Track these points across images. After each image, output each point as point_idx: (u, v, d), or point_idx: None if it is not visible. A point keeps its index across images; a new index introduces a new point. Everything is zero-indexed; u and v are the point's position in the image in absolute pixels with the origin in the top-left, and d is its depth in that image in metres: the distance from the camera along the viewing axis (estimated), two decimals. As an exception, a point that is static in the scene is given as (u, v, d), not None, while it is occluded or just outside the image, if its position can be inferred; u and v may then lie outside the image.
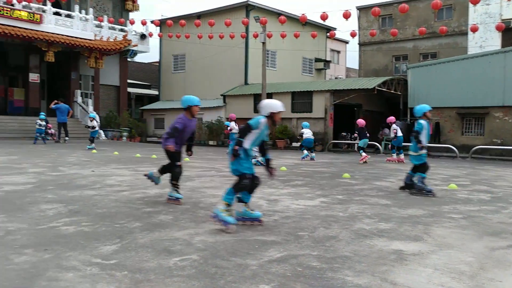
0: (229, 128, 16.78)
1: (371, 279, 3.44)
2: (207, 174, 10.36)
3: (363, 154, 14.79)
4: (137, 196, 7.00)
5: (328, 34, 30.60)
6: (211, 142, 26.02)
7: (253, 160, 12.82)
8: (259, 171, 5.87)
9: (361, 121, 15.46)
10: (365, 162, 14.67)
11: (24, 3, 22.20)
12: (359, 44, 32.83)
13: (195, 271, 3.53)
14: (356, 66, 36.77)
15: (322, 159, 16.52)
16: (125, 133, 26.57)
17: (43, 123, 18.99)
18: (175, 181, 6.35)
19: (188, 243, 4.34)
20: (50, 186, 7.76)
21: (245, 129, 5.00)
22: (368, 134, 15.21)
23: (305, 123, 15.78)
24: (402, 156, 15.31)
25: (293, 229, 5.02)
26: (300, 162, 14.57)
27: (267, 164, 5.31)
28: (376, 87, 21.84)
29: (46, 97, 27.41)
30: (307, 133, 15.42)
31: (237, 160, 4.99)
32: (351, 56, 47.52)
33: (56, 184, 8.08)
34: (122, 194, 7.17)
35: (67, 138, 20.95)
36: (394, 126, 15.45)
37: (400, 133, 15.27)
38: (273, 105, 5.11)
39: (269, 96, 24.54)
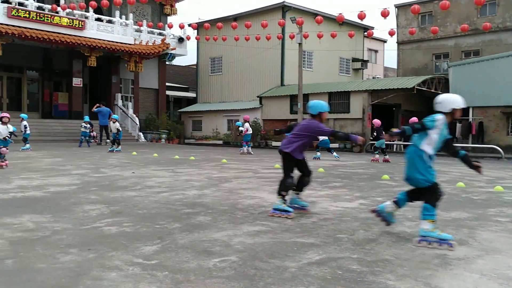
0: (242, 129, 17.48)
1: (414, 283, 3.36)
2: (244, 175, 10.40)
3: (377, 155, 15.55)
4: (176, 197, 7.10)
5: (365, 33, 30.24)
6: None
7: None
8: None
9: (377, 121, 15.75)
10: (384, 161, 15.31)
11: (68, 10, 22.99)
12: (397, 42, 32.20)
13: (234, 273, 3.54)
14: (395, 65, 36.07)
15: (360, 160, 16.28)
16: (163, 135, 27.06)
17: (88, 125, 19.61)
18: (285, 193, 5.80)
19: (227, 244, 4.36)
20: (93, 187, 7.98)
21: (417, 129, 4.47)
22: (384, 134, 15.12)
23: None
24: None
25: (332, 231, 4.96)
26: (337, 164, 14.40)
27: (468, 161, 4.63)
28: (416, 87, 21.35)
29: (88, 101, 28.29)
30: None
31: (424, 167, 4.47)
32: (389, 55, 46.67)
33: (98, 185, 8.30)
34: (161, 195, 7.29)
35: (108, 140, 21.53)
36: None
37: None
38: (455, 100, 4.51)
39: (306, 97, 24.45)
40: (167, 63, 31.45)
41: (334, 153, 16.58)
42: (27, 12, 22.14)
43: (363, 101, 23.07)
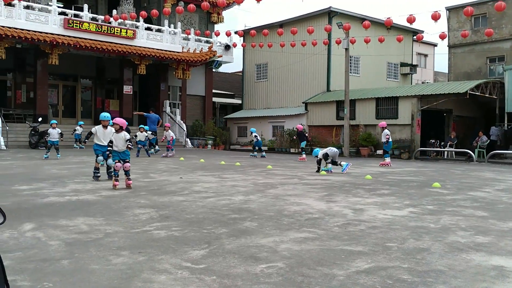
0: (255, 134, 18.58)
1: (469, 296, 3.22)
2: (290, 181, 10.36)
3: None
4: (223, 202, 7.16)
5: (415, 37, 29.55)
6: (292, 150, 26.04)
7: (324, 168, 12.78)
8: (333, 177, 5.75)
9: (299, 126, 19.37)
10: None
11: (119, 20, 23.85)
12: (448, 46, 31.17)
13: (281, 279, 3.52)
14: (445, 70, 34.92)
15: (409, 167, 15.85)
16: (210, 141, 27.44)
17: (81, 129, 20.64)
18: None
19: (274, 250, 4.35)
20: (142, 192, 8.20)
21: None
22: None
23: None
24: (388, 159, 16.06)
25: (381, 239, 4.85)
26: (385, 171, 14.08)
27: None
28: (469, 91, 20.58)
29: (138, 108, 29.15)
30: None
31: None
32: (440, 60, 45.15)
33: (147, 190, 8.52)
34: (208, 200, 7.38)
35: (157, 146, 22.05)
36: (386, 131, 16.09)
37: (391, 138, 16.16)
38: None
39: (352, 102, 24.12)
40: (213, 70, 31.93)
41: (263, 153, 19.62)
42: (82, 23, 23.15)
43: (412, 107, 22.46)
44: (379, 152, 20.24)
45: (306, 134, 20.86)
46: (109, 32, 23.92)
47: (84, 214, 6.01)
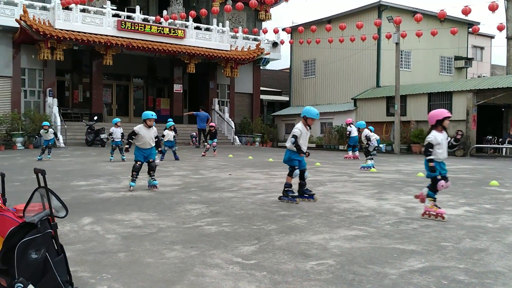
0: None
1: (531, 299, 3.07)
2: (339, 179, 10.25)
3: (350, 153, 17.10)
4: (272, 199, 7.19)
5: (470, 29, 28.32)
6: (341, 147, 25.71)
7: (363, 164, 12.40)
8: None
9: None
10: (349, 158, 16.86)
11: (170, 20, 24.38)
12: (507, 38, 29.65)
13: (332, 276, 3.50)
14: (503, 63, 33.29)
15: (464, 164, 15.26)
16: (257, 139, 27.56)
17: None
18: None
19: (324, 247, 4.33)
20: (193, 188, 8.37)
21: None
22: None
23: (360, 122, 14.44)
24: (357, 153, 17.00)
25: (435, 238, 4.71)
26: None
27: None
28: (529, 85, 19.51)
29: (188, 106, 29.74)
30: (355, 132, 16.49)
31: None
32: (497, 52, 43.13)
33: (198, 186, 8.69)
34: (257, 197, 7.44)
35: (206, 144, 22.40)
36: (348, 128, 17.32)
37: (354, 134, 16.66)
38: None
39: (403, 98, 23.48)
40: (261, 67, 32.02)
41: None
42: (134, 24, 23.87)
43: (467, 102, 21.58)
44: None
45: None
46: (159, 32, 24.52)
47: (138, 209, 6.22)
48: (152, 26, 24.35)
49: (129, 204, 6.62)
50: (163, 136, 14.30)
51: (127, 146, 8.70)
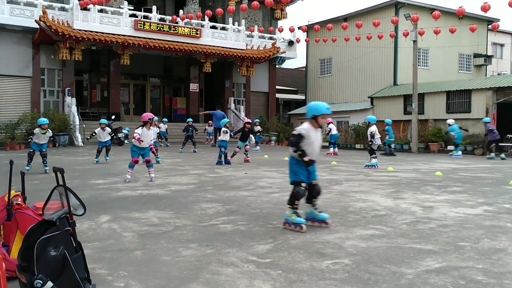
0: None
1: (551, 300, 3.02)
2: (355, 178, 10.18)
3: (331, 149, 18.51)
4: (287, 198, 7.17)
5: (490, 26, 27.82)
6: (357, 146, 25.54)
7: (367, 163, 12.26)
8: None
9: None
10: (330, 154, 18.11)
11: (186, 20, 24.52)
12: (527, 34, 29.12)
13: (347, 276, 3.49)
14: (524, 60, 32.66)
15: (483, 163, 15.02)
16: (273, 137, 27.55)
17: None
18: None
19: (339, 247, 4.31)
20: (209, 187, 8.41)
21: None
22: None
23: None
24: (336, 149, 18.74)
25: (452, 238, 4.65)
26: (457, 167, 13.42)
27: None
28: (551, 82, 19.10)
29: (204, 105, 29.87)
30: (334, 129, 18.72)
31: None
32: (518, 49, 42.24)
33: (214, 185, 8.73)
34: (273, 195, 7.44)
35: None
36: (330, 125, 18.80)
37: (334, 132, 18.70)
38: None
39: (421, 96, 23.21)
40: (277, 66, 31.97)
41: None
42: (151, 24, 24.05)
43: (487, 100, 21.23)
44: (450, 147, 19.33)
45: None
46: (176, 32, 24.67)
47: (154, 208, 6.28)
48: (168, 26, 24.51)
49: (146, 203, 6.69)
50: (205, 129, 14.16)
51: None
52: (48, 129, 10.84)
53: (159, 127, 14.98)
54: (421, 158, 17.50)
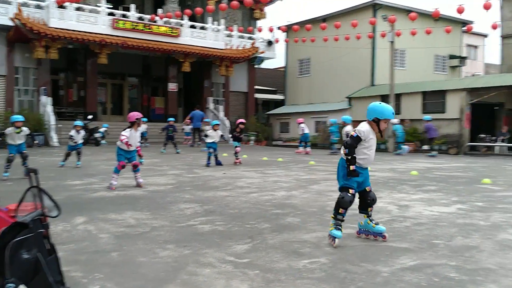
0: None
1: (520, 296, 3.11)
2: (333, 177, 10.23)
3: (301, 148, 19.19)
4: (265, 198, 7.21)
5: (464, 28, 28.41)
6: (336, 146, 25.74)
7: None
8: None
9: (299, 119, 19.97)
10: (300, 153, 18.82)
11: (165, 19, 24.34)
12: (501, 36, 29.81)
13: (324, 274, 3.52)
14: (497, 61, 33.47)
15: (457, 163, 15.34)
16: (252, 137, 27.58)
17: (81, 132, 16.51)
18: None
19: (317, 246, 4.35)
20: (187, 187, 8.37)
21: None
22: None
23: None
24: (308, 149, 19.36)
25: (427, 236, 4.74)
26: (432, 166, 13.68)
27: None
28: (522, 83, 19.61)
29: (183, 105, 29.72)
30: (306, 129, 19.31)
31: None
32: (491, 51, 43.36)
33: (192, 185, 8.69)
34: (251, 195, 7.45)
35: (200, 142, 22.44)
36: (301, 125, 19.31)
37: (306, 131, 19.32)
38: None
39: (398, 97, 23.54)
40: (256, 66, 32.02)
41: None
42: (129, 23, 23.79)
43: (461, 100, 21.67)
44: (425, 147, 19.68)
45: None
46: (154, 31, 24.47)
47: (131, 209, 6.22)
48: (147, 25, 24.30)
49: (123, 204, 6.62)
50: (206, 136, 12.93)
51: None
52: (23, 127, 9.82)
53: (206, 135, 13.61)
54: (398, 157, 17.77)
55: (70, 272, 3.53)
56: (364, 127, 4.46)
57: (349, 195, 4.41)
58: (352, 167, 4.35)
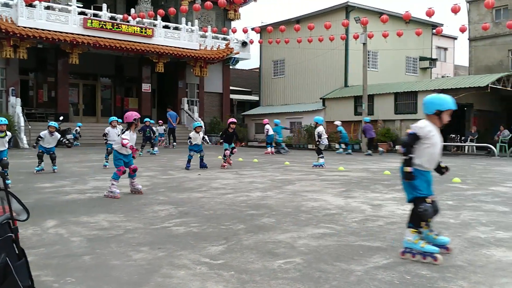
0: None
1: (488, 292, 3.19)
2: (308, 178, 10.35)
3: (269, 149, 19.65)
4: (241, 199, 7.20)
5: (434, 30, 29.08)
6: (310, 146, 25.95)
7: (315, 163, 12.61)
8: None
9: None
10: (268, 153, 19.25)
11: (138, 19, 24.06)
12: (469, 39, 30.67)
13: (299, 274, 3.54)
14: (466, 63, 34.38)
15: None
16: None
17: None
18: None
19: (291, 246, 4.37)
20: (161, 189, 8.29)
21: None
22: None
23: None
24: (273, 149, 19.87)
25: (400, 235, 4.81)
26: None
27: None
28: (490, 85, 20.20)
29: (157, 105, 29.44)
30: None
31: None
32: (460, 53, 44.49)
33: (166, 186, 8.62)
34: (226, 196, 7.43)
35: (175, 143, 22.28)
36: (266, 126, 19.83)
37: (270, 132, 19.66)
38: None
39: (371, 98, 23.89)
40: (230, 67, 32.00)
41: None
42: (101, 23, 23.42)
43: (432, 101, 22.15)
44: (398, 147, 20.06)
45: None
46: (127, 31, 24.17)
47: (104, 211, 6.12)
48: (119, 25, 23.97)
49: (96, 206, 6.51)
50: (190, 138, 12.35)
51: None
52: (7, 131, 8.77)
53: (190, 137, 12.68)
54: (371, 157, 18.03)
55: (41, 276, 3.45)
56: (421, 123, 4.08)
57: (429, 205, 3.96)
58: (409, 169, 4.04)
